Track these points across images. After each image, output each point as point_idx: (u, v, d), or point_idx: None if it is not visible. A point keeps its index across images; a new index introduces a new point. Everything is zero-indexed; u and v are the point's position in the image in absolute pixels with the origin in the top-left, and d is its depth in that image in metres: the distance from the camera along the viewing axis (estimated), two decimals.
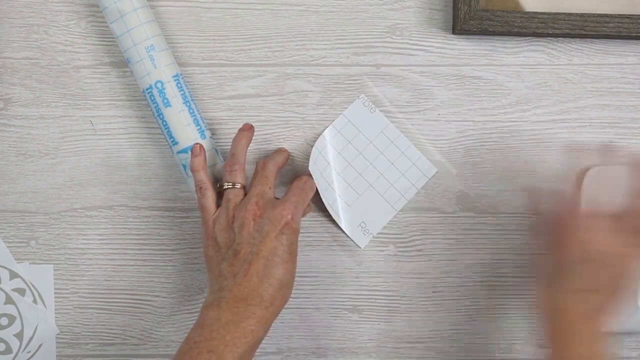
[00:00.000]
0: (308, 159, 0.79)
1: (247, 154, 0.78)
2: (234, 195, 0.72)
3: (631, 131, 0.80)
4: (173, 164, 0.78)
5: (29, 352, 0.79)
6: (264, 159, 0.74)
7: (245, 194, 0.72)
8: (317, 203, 0.79)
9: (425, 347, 0.80)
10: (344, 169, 0.79)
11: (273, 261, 0.68)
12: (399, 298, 0.80)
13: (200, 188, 0.73)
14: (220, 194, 0.73)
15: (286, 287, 0.69)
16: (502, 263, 0.80)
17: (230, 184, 0.72)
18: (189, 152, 0.73)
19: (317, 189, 0.76)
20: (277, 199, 0.72)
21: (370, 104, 0.78)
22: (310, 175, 0.75)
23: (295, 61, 0.79)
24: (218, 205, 0.73)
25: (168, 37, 0.77)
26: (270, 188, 0.72)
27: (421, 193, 0.79)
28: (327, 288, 0.80)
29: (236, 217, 0.70)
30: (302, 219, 0.77)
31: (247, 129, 0.75)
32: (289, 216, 0.69)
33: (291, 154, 0.79)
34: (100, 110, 0.79)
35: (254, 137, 0.79)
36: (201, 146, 0.73)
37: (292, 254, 0.70)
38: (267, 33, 0.79)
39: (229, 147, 0.78)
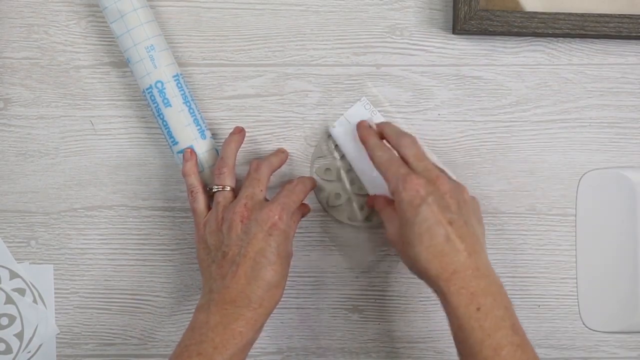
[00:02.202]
0: (308, 159, 0.79)
1: (247, 154, 0.79)
2: (222, 198, 0.72)
3: (631, 131, 0.80)
4: (173, 164, 0.78)
5: (29, 352, 0.79)
6: (258, 160, 0.74)
7: (236, 196, 0.72)
8: (317, 203, 0.79)
9: (425, 347, 0.80)
10: (347, 170, 0.79)
11: (261, 262, 0.68)
12: (398, 298, 0.80)
13: (192, 192, 0.73)
14: (212, 197, 0.74)
15: (275, 288, 0.69)
16: (501, 263, 0.80)
17: (220, 187, 0.73)
18: None
19: (311, 189, 0.76)
20: (267, 200, 0.72)
21: (372, 107, 0.78)
22: (303, 177, 0.75)
23: (295, 61, 0.79)
24: (210, 208, 0.73)
25: (168, 37, 0.77)
26: (261, 190, 0.72)
27: None
28: (327, 288, 0.80)
29: (225, 219, 0.71)
30: (303, 219, 0.77)
31: (238, 133, 0.75)
32: (276, 217, 0.69)
33: (291, 154, 0.79)
34: (100, 110, 0.79)
35: (254, 137, 0.79)
36: (192, 151, 0.74)
37: (281, 255, 0.69)
38: (267, 33, 0.79)
39: None
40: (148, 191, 0.79)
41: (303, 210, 0.77)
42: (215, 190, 0.73)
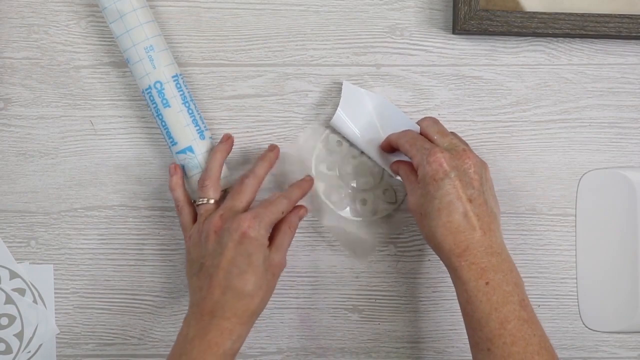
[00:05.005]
0: (308, 159, 0.79)
1: (247, 154, 0.79)
2: (204, 211, 0.72)
3: (631, 131, 0.80)
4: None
5: (29, 352, 0.79)
6: (245, 173, 0.73)
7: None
8: (316, 203, 0.79)
9: (425, 347, 0.80)
10: (348, 165, 0.79)
11: (232, 272, 0.68)
12: (399, 298, 0.80)
13: (177, 206, 0.74)
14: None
15: (248, 297, 0.68)
16: None
17: (203, 199, 0.73)
18: (188, 153, 0.74)
19: (301, 196, 0.75)
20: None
21: (355, 87, 0.77)
22: (290, 188, 0.75)
23: (295, 61, 0.79)
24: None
25: (168, 37, 0.77)
26: (241, 202, 0.71)
27: None
28: (327, 288, 0.80)
29: (203, 231, 0.71)
30: (304, 219, 0.77)
31: (225, 141, 0.75)
32: (246, 225, 0.69)
33: (291, 154, 0.79)
34: (100, 110, 0.79)
35: (254, 137, 0.79)
36: (177, 165, 0.74)
37: (253, 265, 0.69)
38: (267, 33, 0.79)
39: None
40: (148, 191, 0.79)
41: (299, 212, 0.76)
42: (199, 203, 0.73)
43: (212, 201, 0.73)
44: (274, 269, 0.71)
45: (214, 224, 0.70)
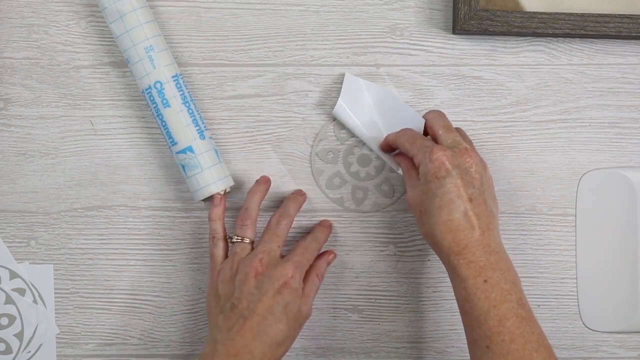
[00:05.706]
0: (308, 160, 0.79)
1: (247, 153, 0.79)
2: (240, 249, 0.73)
3: (631, 131, 0.80)
4: (173, 164, 0.78)
5: (29, 352, 0.79)
6: (280, 213, 0.74)
7: (253, 248, 0.73)
8: (316, 203, 0.79)
9: (425, 347, 0.80)
10: (349, 155, 0.79)
11: (267, 319, 0.69)
12: (398, 298, 0.80)
13: (213, 238, 0.74)
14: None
15: (278, 346, 0.69)
16: None
17: (240, 238, 0.73)
18: (188, 153, 0.74)
19: (325, 242, 0.77)
20: (282, 257, 0.73)
21: (356, 79, 0.77)
22: (316, 233, 0.76)
23: (295, 61, 0.79)
24: (227, 256, 0.74)
25: (168, 37, 0.77)
26: (278, 246, 0.72)
27: None
28: (327, 288, 0.80)
29: (239, 271, 0.71)
30: (303, 220, 0.77)
31: (264, 183, 0.76)
32: (289, 275, 0.70)
33: (291, 153, 0.79)
34: (100, 110, 0.79)
35: (254, 137, 0.79)
36: (223, 197, 0.75)
37: (289, 315, 0.70)
38: (267, 33, 0.79)
39: (229, 147, 0.78)
40: (148, 191, 0.79)
41: (327, 259, 0.77)
42: (235, 240, 0.73)
43: (247, 241, 0.73)
44: (302, 319, 0.72)
45: (255, 268, 0.70)
